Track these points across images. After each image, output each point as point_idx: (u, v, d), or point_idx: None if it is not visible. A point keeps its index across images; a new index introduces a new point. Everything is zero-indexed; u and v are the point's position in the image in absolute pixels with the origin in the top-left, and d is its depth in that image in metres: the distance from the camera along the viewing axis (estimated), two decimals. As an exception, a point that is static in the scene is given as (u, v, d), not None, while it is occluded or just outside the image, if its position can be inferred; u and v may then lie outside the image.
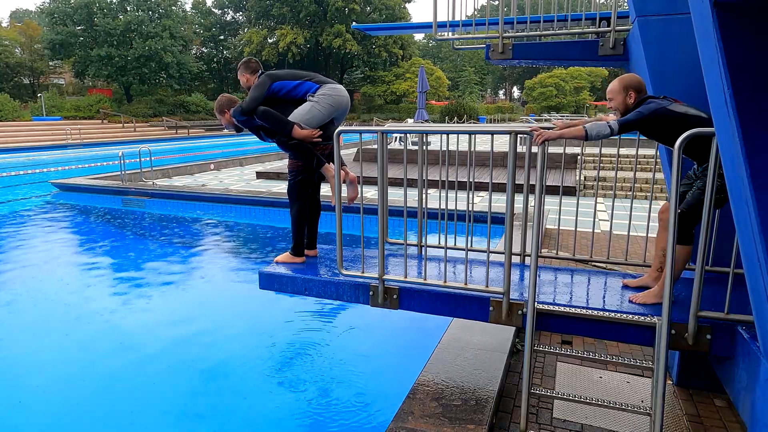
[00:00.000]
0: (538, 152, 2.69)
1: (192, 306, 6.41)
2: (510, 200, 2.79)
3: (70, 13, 46.45)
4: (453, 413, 2.91)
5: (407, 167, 3.31)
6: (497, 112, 59.35)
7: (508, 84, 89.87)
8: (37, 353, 5.12)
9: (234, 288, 7.11)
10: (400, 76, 58.31)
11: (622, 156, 15.11)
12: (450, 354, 3.68)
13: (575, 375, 3.93)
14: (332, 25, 54.92)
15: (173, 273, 7.70)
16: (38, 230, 10.78)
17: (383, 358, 4.90)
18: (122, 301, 6.50)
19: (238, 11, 64.59)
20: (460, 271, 3.51)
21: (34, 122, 37.63)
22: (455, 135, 3.21)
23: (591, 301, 3.11)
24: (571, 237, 7.80)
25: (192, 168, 18.38)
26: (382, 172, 3.14)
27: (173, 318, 5.96)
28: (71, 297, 6.65)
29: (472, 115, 39.17)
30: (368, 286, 3.28)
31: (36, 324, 5.81)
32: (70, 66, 50.01)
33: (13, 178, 18.46)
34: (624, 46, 4.05)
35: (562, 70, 59.75)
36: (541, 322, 2.97)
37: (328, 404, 4.09)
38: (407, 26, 8.32)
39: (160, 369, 4.78)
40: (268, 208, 12.02)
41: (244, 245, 9.49)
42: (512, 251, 2.93)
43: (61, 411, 4.17)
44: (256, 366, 4.81)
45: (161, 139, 37.11)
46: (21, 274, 7.66)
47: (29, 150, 28.90)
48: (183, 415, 4.11)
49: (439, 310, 3.20)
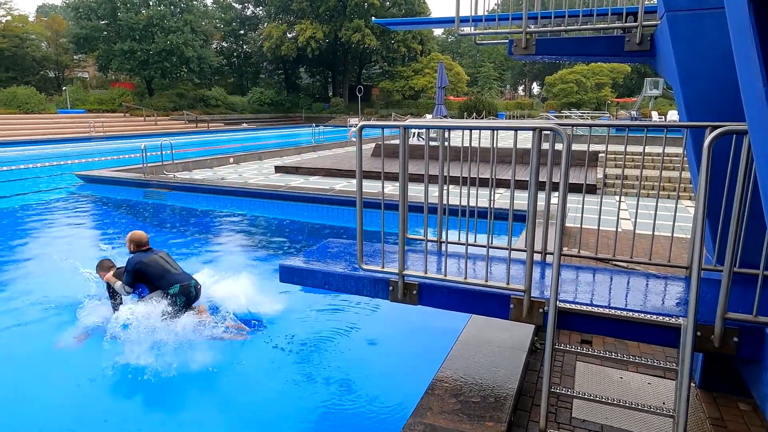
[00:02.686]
0: (563, 149, 2.65)
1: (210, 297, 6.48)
2: (533, 197, 2.76)
3: (94, 7, 47.26)
4: (472, 410, 2.90)
5: (420, 163, 3.29)
6: (516, 108, 58.74)
7: (527, 80, 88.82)
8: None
9: (253, 280, 7.17)
10: (418, 72, 58.06)
11: (645, 154, 14.84)
12: (468, 351, 3.67)
13: (595, 375, 3.89)
14: (351, 19, 54.87)
15: (192, 264, 7.80)
16: (63, 220, 11.03)
17: (401, 353, 4.91)
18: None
19: (258, 6, 64.94)
20: (480, 268, 3.49)
21: (59, 115, 38.45)
22: (475, 131, 3.19)
23: (613, 301, 3.07)
24: (591, 236, 7.70)
25: (212, 161, 18.59)
26: (404, 167, 3.13)
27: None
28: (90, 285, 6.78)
29: (491, 111, 38.87)
30: (388, 281, 3.28)
31: (56, 312, 5.95)
32: (94, 60, 50.94)
33: (39, 170, 18.90)
34: (651, 41, 3.97)
35: (583, 66, 58.83)
36: (563, 320, 2.94)
37: (347, 399, 4.12)
38: (429, 21, 8.27)
39: (175, 361, 4.84)
40: (286, 201, 12.12)
41: (262, 238, 9.58)
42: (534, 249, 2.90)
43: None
44: (274, 360, 4.86)
45: (182, 133, 37.60)
46: (45, 263, 7.84)
47: (54, 142, 29.55)
48: (202, 408, 4.17)
49: (459, 306, 3.18)
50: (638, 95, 47.78)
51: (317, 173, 16.05)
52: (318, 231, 10.05)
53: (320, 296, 6.16)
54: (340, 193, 12.04)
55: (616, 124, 3.87)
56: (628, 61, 4.87)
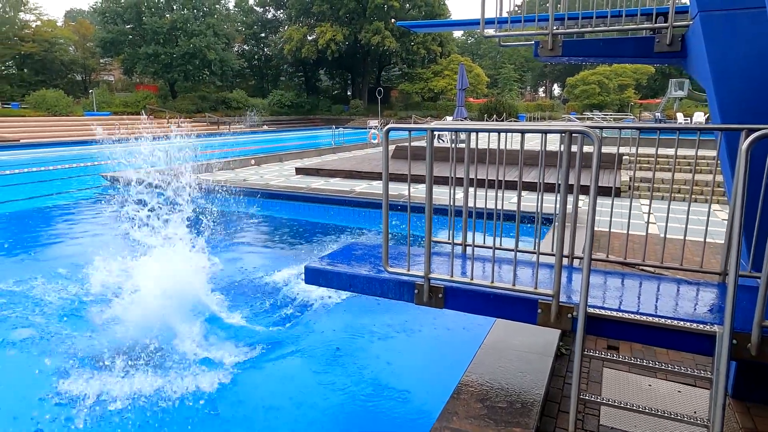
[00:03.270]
0: (594, 152, 2.61)
1: (233, 297, 6.55)
2: (562, 201, 2.73)
3: (120, 12, 48.34)
4: (498, 415, 2.88)
5: (441, 165, 3.27)
6: (537, 110, 58.11)
7: (548, 81, 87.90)
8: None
9: (277, 281, 7.22)
10: (438, 73, 57.89)
11: (670, 157, 14.56)
12: (494, 355, 3.64)
13: (623, 382, 3.82)
14: (371, 22, 55.03)
15: (211, 264, 7.89)
16: (90, 220, 11.28)
17: (426, 356, 4.90)
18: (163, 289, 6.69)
19: (279, 9, 65.59)
20: (506, 272, 3.45)
21: (86, 117, 39.37)
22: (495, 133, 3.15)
23: (643, 307, 3.01)
24: (615, 240, 7.58)
25: (233, 163, 18.81)
26: (430, 170, 3.12)
27: (213, 309, 6.10)
28: (117, 281, 6.92)
29: (512, 112, 38.53)
30: (413, 284, 3.27)
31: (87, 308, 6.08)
32: (120, 63, 52.06)
33: (66, 171, 19.37)
34: (682, 42, 3.89)
35: (605, 67, 57.93)
36: (591, 326, 2.90)
37: (372, 402, 4.12)
38: (453, 23, 8.24)
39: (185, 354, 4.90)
40: (308, 203, 12.19)
41: (284, 239, 9.66)
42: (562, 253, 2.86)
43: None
44: (299, 362, 4.88)
45: (204, 135, 38.13)
46: (74, 262, 8.03)
47: (81, 144, 30.25)
48: (220, 409, 4.22)
49: (485, 310, 3.16)
50: (662, 96, 46.87)
51: (337, 175, 16.12)
52: (339, 232, 10.09)
53: (342, 297, 6.17)
54: (361, 195, 12.07)
55: (646, 126, 3.80)
56: (658, 63, 4.78)
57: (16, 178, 17.71)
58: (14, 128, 31.91)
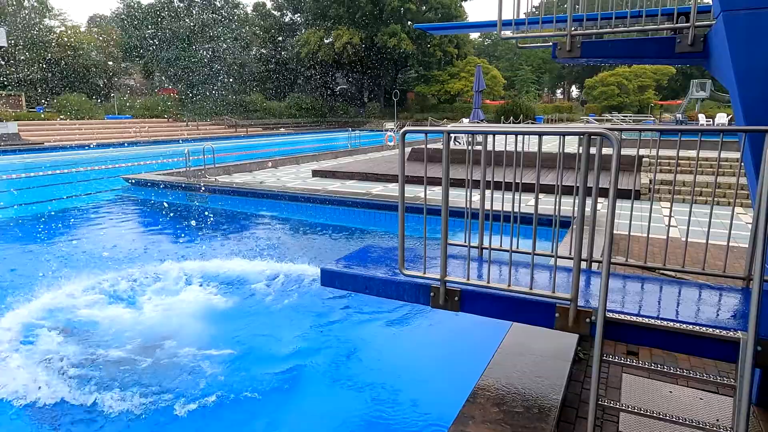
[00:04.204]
0: (613, 155, 2.58)
1: (250, 300, 6.61)
2: (581, 203, 2.70)
3: (141, 17, 49.26)
4: (515, 420, 2.85)
5: (457, 167, 3.26)
6: (555, 111, 57.57)
7: (566, 83, 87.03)
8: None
9: (290, 283, 7.26)
10: (454, 75, 57.74)
11: (691, 159, 14.30)
12: (510, 359, 3.61)
13: (642, 388, 3.76)
14: (388, 24, 55.14)
15: (231, 266, 7.98)
16: (112, 221, 11.49)
17: (441, 360, 4.87)
18: (180, 289, 6.79)
19: (296, 13, 66.11)
20: (522, 275, 3.42)
21: (107, 120, 40.16)
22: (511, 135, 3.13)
23: (664, 312, 2.95)
24: (635, 243, 7.46)
25: (251, 165, 19.00)
26: (446, 172, 3.11)
27: (230, 312, 6.16)
28: (138, 280, 7.05)
29: (529, 114, 38.20)
30: (429, 287, 3.26)
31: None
32: (141, 67, 52.99)
33: (89, 173, 19.77)
34: (704, 42, 3.82)
35: (625, 68, 57.17)
36: (611, 330, 2.85)
37: (388, 404, 4.11)
38: (470, 25, 8.19)
39: (207, 356, 4.96)
40: (324, 205, 12.25)
41: (300, 241, 9.71)
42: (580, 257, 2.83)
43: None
44: (314, 364, 4.89)
45: (222, 137, 38.61)
46: (97, 261, 8.18)
47: (103, 146, 30.85)
48: (238, 410, 4.25)
49: (502, 314, 3.13)
50: (684, 97, 46.05)
51: (354, 177, 16.17)
52: (355, 234, 10.12)
53: (359, 299, 6.18)
54: (377, 197, 12.09)
55: (668, 128, 3.74)
56: (679, 63, 4.70)
57: (40, 180, 18.14)
58: (39, 131, 32.68)
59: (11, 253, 8.89)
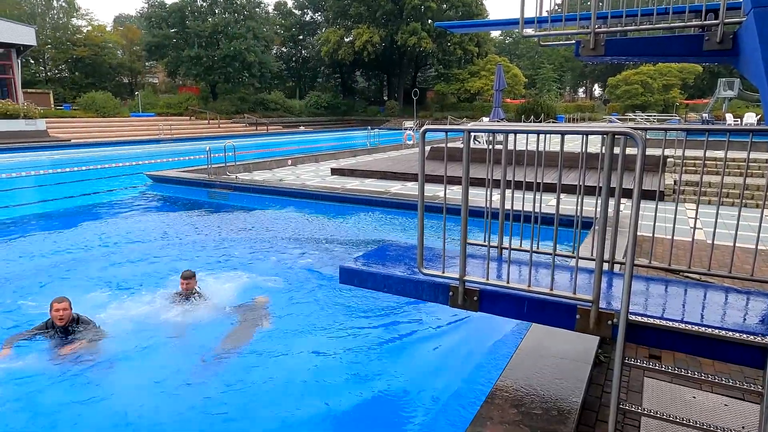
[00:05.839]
0: (638, 154, 2.53)
1: (273, 296, 6.66)
2: (604, 204, 2.66)
3: (165, 17, 50.03)
4: (534, 422, 2.82)
5: (477, 167, 3.23)
6: (576, 110, 56.74)
7: (588, 81, 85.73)
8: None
9: (309, 281, 7.31)
10: (474, 74, 57.33)
11: (717, 160, 13.97)
12: (529, 360, 3.57)
13: (665, 392, 3.69)
14: (408, 23, 55.03)
15: (250, 263, 8.07)
16: (135, 217, 11.72)
17: (459, 359, 4.85)
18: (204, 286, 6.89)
19: (317, 11, 66.44)
20: (542, 276, 3.38)
21: (132, 118, 40.93)
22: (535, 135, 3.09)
23: (689, 315, 2.89)
24: (658, 245, 7.32)
25: (271, 163, 19.16)
26: (467, 171, 3.09)
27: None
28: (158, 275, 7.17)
29: (550, 113, 37.71)
30: (448, 286, 3.24)
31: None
32: (164, 66, 53.90)
33: (113, 170, 20.18)
34: (733, 40, 3.72)
35: (649, 67, 56.03)
36: (633, 333, 2.80)
37: (405, 404, 4.10)
38: (491, 23, 8.12)
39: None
40: (342, 204, 12.29)
41: (318, 239, 9.75)
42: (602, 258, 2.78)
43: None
44: (330, 361, 4.91)
45: (242, 135, 39.02)
46: (120, 257, 8.36)
47: (127, 144, 31.46)
48: (256, 408, 4.29)
49: (521, 315, 3.10)
50: (710, 97, 44.97)
51: (373, 176, 16.19)
52: (374, 233, 10.13)
53: (376, 297, 6.18)
54: (396, 196, 12.08)
55: (694, 128, 3.66)
56: (707, 62, 4.60)
57: (67, 176, 18.59)
58: (66, 129, 33.45)
59: (39, 246, 9.13)
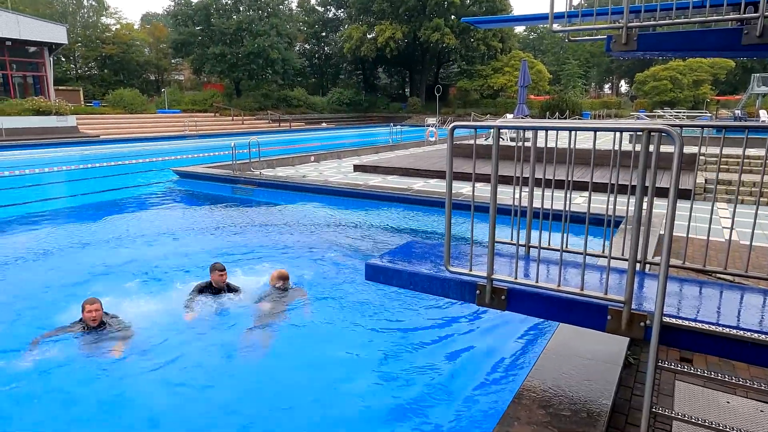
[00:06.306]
0: (674, 152, 2.46)
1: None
2: (638, 203, 2.60)
3: (191, 14, 50.76)
4: (562, 423, 2.78)
5: (500, 164, 3.16)
6: (602, 107, 55.66)
7: (615, 77, 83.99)
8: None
9: (335, 277, 7.33)
10: (498, 70, 56.69)
11: (751, 158, 13.55)
12: (557, 361, 3.52)
13: (697, 396, 3.60)
14: (431, 19, 54.68)
15: (275, 257, 8.14)
16: (163, 211, 11.94)
17: (483, 358, 4.80)
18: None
19: (340, 8, 66.51)
20: (571, 275, 3.33)
21: (158, 114, 41.67)
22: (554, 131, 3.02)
23: (724, 318, 2.81)
24: (689, 245, 7.13)
25: (293, 159, 19.30)
26: (495, 169, 3.06)
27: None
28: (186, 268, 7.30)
29: (575, 110, 37.13)
30: (475, 284, 3.21)
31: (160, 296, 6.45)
32: (189, 63, 54.67)
33: (141, 165, 20.60)
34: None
35: (679, 62, 54.57)
36: (665, 335, 2.74)
37: (430, 401, 4.08)
38: (519, 18, 7.98)
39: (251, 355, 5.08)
40: (365, 200, 12.31)
41: (341, 235, 9.78)
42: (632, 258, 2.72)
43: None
44: (355, 358, 4.92)
45: (265, 131, 39.38)
46: (146, 252, 8.54)
47: (153, 140, 32.06)
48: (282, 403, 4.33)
49: (550, 314, 3.06)
50: (743, 93, 43.61)
51: (395, 172, 16.17)
52: (396, 230, 10.12)
53: (402, 294, 6.16)
54: (418, 193, 12.05)
55: (732, 125, 3.53)
56: (745, 56, 4.46)
57: (96, 171, 19.04)
58: (95, 125, 34.25)
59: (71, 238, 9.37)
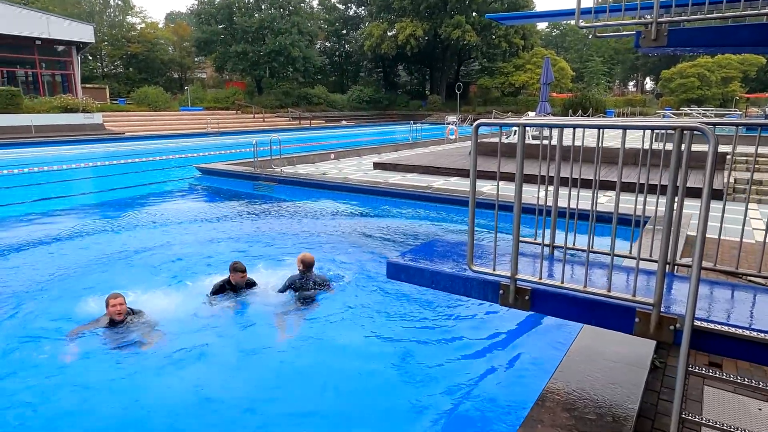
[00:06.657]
0: (708, 151, 2.39)
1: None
2: (669, 203, 2.53)
3: (214, 13, 51.38)
4: (587, 427, 2.73)
5: (523, 162, 3.11)
6: (626, 105, 54.63)
7: (639, 74, 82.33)
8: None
9: (356, 274, 7.33)
10: (519, 67, 56.06)
11: (783, 156, 13.11)
12: (581, 363, 3.46)
13: (727, 402, 3.50)
14: (452, 16, 54.30)
15: (297, 253, 8.16)
16: (186, 207, 12.12)
17: (506, 359, 4.76)
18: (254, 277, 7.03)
19: (361, 6, 66.52)
20: (597, 276, 3.26)
21: (181, 112, 42.30)
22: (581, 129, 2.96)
23: (758, 322, 2.72)
24: (714, 246, 6.94)
25: (314, 157, 19.38)
26: (521, 167, 3.01)
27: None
28: (209, 263, 7.39)
29: (599, 108, 36.47)
30: (498, 284, 3.17)
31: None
32: (212, 61, 55.36)
33: (165, 162, 20.95)
34: (812, 28, 3.47)
35: (707, 59, 53.21)
36: (696, 339, 2.66)
37: (451, 402, 4.05)
38: (544, 14, 7.82)
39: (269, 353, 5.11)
40: (385, 197, 12.30)
41: (361, 233, 9.78)
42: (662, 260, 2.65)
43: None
44: (376, 357, 4.90)
45: (286, 129, 39.68)
46: (169, 248, 8.67)
47: (177, 137, 32.56)
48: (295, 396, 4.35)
49: (575, 316, 3.00)
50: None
51: (415, 170, 16.11)
52: (417, 228, 10.08)
53: (422, 295, 6.13)
54: (439, 191, 11.99)
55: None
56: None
57: (122, 167, 19.42)
58: (120, 122, 34.93)
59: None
